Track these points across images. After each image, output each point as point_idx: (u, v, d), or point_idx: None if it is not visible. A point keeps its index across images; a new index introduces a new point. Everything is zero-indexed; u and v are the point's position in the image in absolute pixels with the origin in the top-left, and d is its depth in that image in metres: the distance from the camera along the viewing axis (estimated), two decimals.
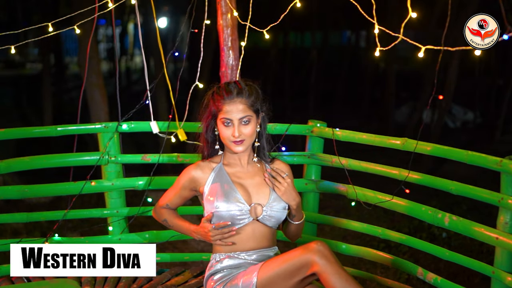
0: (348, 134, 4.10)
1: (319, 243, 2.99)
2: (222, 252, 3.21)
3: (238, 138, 3.13)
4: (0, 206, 8.13)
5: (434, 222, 3.67)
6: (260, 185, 3.24)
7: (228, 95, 3.13)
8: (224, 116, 3.13)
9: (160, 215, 3.40)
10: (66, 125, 4.31)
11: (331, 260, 2.96)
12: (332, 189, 4.21)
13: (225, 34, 4.46)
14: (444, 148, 3.65)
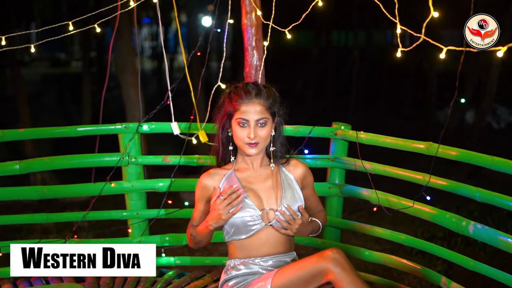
0: (371, 137, 3.97)
1: (335, 251, 2.89)
2: (237, 258, 3.13)
3: (253, 140, 3.04)
4: (34, 205, 8.18)
5: (458, 230, 3.53)
6: (272, 189, 3.14)
7: (246, 95, 3.05)
8: (240, 116, 3.03)
9: (190, 237, 3.24)
10: (86, 126, 4.28)
11: (347, 268, 2.86)
12: (355, 194, 4.09)
13: (249, 34, 4.36)
14: (469, 153, 3.50)
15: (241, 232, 3.07)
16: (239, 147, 3.10)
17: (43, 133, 4.30)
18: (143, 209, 4.34)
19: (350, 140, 4.09)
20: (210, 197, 3.12)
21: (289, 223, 3.04)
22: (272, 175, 3.19)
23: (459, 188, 3.52)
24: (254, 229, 3.06)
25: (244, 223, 3.05)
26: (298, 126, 4.17)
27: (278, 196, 3.12)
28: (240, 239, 3.09)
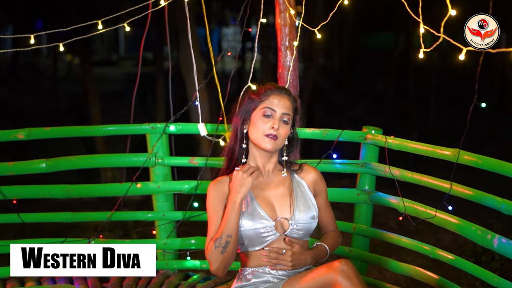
0: (400, 142, 3.78)
1: (343, 262, 2.77)
2: (249, 267, 3.01)
3: (274, 132, 2.92)
4: (93, 202, 8.24)
5: (483, 244, 3.31)
6: (284, 196, 3.03)
7: (276, 88, 2.99)
8: (268, 106, 2.94)
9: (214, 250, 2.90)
10: (113, 125, 4.25)
11: (354, 281, 2.73)
12: (383, 201, 3.90)
13: (282, 34, 4.25)
14: (494, 161, 3.26)
15: (255, 243, 2.96)
16: (256, 140, 2.97)
17: (70, 132, 4.30)
18: (170, 211, 4.28)
19: (380, 145, 3.90)
20: (226, 204, 2.97)
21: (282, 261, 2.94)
22: (284, 182, 3.07)
23: (484, 199, 3.29)
24: (268, 240, 2.95)
25: (258, 234, 2.93)
26: (327, 130, 4.02)
27: (291, 204, 3.00)
28: (253, 251, 2.98)
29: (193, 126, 4.18)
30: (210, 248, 2.88)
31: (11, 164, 4.17)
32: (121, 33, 32.06)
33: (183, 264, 4.32)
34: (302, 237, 3.02)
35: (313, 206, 3.05)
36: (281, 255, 2.94)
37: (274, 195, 3.02)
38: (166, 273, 4.23)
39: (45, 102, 17.89)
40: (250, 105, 2.99)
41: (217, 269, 2.90)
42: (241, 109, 3.02)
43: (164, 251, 4.29)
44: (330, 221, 3.20)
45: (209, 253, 2.89)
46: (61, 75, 24.18)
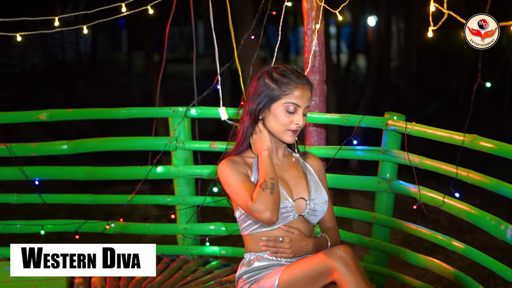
0: (419, 128, 3.61)
1: (342, 248, 2.66)
2: (254, 251, 2.93)
3: (298, 128, 2.85)
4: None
5: (497, 234, 3.12)
6: (298, 178, 2.96)
7: (299, 79, 2.85)
8: (292, 101, 2.82)
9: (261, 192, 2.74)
10: (136, 108, 4.24)
11: (352, 268, 2.62)
12: (402, 190, 3.74)
13: (309, 17, 4.15)
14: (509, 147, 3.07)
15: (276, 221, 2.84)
16: (276, 133, 2.87)
17: (91, 114, 4.32)
18: (191, 196, 4.25)
19: (402, 131, 3.74)
20: (248, 175, 2.87)
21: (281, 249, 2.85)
22: (295, 165, 3.01)
23: (498, 186, 3.10)
24: (287, 220, 2.86)
25: (279, 214, 2.82)
26: (348, 115, 3.89)
27: (306, 185, 2.94)
28: (268, 231, 2.87)
29: (214, 110, 4.12)
30: (257, 195, 2.73)
31: (33, 145, 4.23)
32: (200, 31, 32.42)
33: (202, 250, 4.27)
34: (314, 221, 2.94)
35: (324, 191, 2.98)
36: (279, 242, 2.85)
37: (289, 177, 2.93)
38: (185, 258, 4.19)
39: (119, 97, 18.26)
40: (269, 93, 2.84)
41: (271, 214, 2.72)
42: (256, 94, 2.87)
43: (184, 236, 4.26)
44: (330, 216, 3.06)
45: (256, 198, 2.72)
46: (138, 71, 24.58)
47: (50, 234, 5.75)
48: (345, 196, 8.16)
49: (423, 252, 5.10)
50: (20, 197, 4.33)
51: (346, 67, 26.39)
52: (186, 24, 26.48)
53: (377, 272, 3.89)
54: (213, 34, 4.23)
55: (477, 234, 6.26)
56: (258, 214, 2.72)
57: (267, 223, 2.76)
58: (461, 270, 3.51)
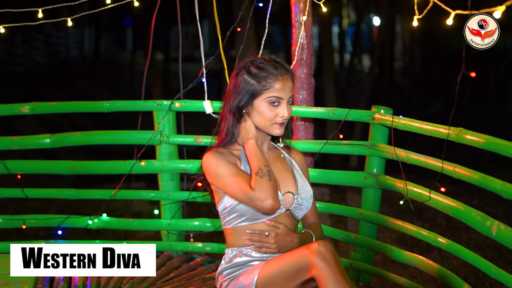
0: (406, 122, 3.52)
1: (322, 244, 2.58)
2: (236, 246, 2.86)
3: (284, 120, 2.77)
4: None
5: (482, 231, 3.03)
6: (284, 172, 2.90)
7: (278, 70, 2.77)
8: (274, 94, 2.75)
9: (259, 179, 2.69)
10: (120, 101, 4.17)
11: (332, 264, 2.54)
12: (389, 185, 3.65)
13: (296, 9, 4.08)
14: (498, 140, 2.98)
15: (262, 216, 2.79)
16: (263, 127, 2.81)
17: (74, 107, 4.26)
18: (175, 191, 4.17)
19: (389, 125, 3.65)
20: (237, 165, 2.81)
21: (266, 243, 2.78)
22: (279, 159, 2.95)
23: (483, 181, 3.02)
24: (275, 214, 2.80)
25: None
26: (334, 109, 3.81)
27: (292, 179, 2.88)
28: (252, 224, 2.80)
29: (199, 103, 4.05)
30: (256, 183, 2.67)
31: (16, 138, 4.17)
32: (205, 31, 32.39)
33: (187, 246, 4.20)
34: (300, 216, 2.88)
35: (309, 185, 2.92)
36: (264, 237, 2.77)
37: (275, 170, 2.86)
38: (169, 254, 4.13)
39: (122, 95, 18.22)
40: (249, 89, 2.77)
41: (273, 200, 2.67)
42: (237, 91, 2.80)
43: (168, 232, 4.18)
44: (313, 211, 2.99)
45: (256, 186, 2.66)
46: (142, 70, 24.58)
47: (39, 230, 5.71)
48: (341, 194, 8.07)
49: (417, 251, 5.02)
50: (2, 192, 4.25)
51: (349, 66, 26.37)
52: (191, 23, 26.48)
53: (363, 269, 3.81)
54: (199, 29, 4.16)
55: (472, 233, 6.17)
56: (260, 202, 2.66)
57: (270, 211, 2.70)
58: (456, 269, 3.44)
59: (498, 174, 3.12)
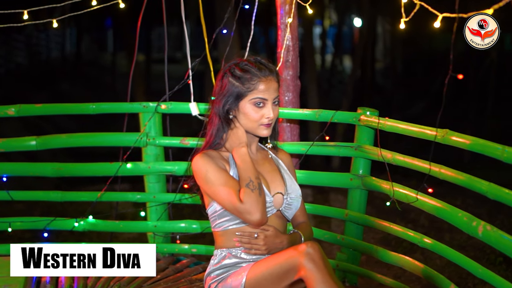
0: (392, 124, 3.55)
1: (310, 245, 2.58)
2: (225, 247, 2.85)
3: (270, 121, 2.77)
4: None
5: (468, 231, 3.07)
6: (273, 172, 2.89)
7: (261, 72, 2.77)
8: (258, 96, 2.75)
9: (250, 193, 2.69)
10: (106, 103, 4.16)
11: (319, 265, 2.54)
12: (375, 187, 3.68)
13: (282, 12, 4.09)
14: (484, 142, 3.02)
15: None
16: (250, 129, 2.81)
17: (60, 109, 4.25)
18: (161, 193, 4.17)
19: (375, 127, 3.68)
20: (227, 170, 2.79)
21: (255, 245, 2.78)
22: (267, 159, 2.95)
23: (469, 182, 3.05)
24: (267, 215, 2.78)
25: None
26: (320, 111, 3.83)
27: (281, 179, 2.88)
28: (243, 226, 2.79)
29: (185, 105, 4.05)
30: (246, 196, 2.67)
31: (1, 140, 4.14)
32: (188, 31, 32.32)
33: (173, 248, 4.20)
34: (290, 216, 2.89)
35: (297, 185, 2.93)
36: (254, 239, 2.78)
37: (264, 171, 2.87)
38: (156, 256, 4.11)
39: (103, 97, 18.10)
40: (234, 92, 2.77)
41: (261, 216, 2.68)
42: (222, 94, 2.80)
43: (154, 233, 4.18)
44: (301, 211, 2.99)
45: (246, 200, 2.66)
46: (123, 71, 24.47)
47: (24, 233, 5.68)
48: (324, 195, 8.11)
49: (401, 251, 5.05)
50: None
51: (331, 67, 26.43)
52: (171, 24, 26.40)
53: (349, 270, 3.83)
54: (185, 30, 4.18)
55: (455, 233, 6.22)
56: (248, 216, 2.67)
57: (257, 225, 2.71)
58: (440, 269, 3.47)
59: (480, 174, 3.16)
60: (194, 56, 4.11)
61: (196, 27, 34.15)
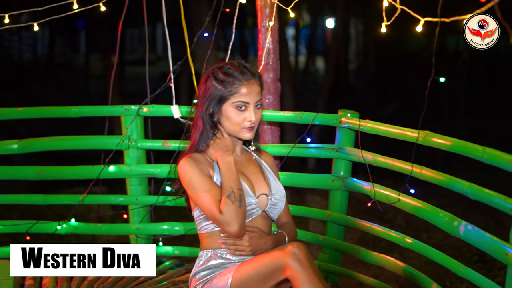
0: (373, 125, 3.61)
1: (295, 245, 2.62)
2: (211, 249, 2.88)
3: (252, 124, 2.80)
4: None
5: (450, 231, 3.14)
6: (257, 174, 2.93)
7: (243, 75, 2.80)
8: (240, 99, 2.78)
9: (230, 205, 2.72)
10: (88, 107, 4.18)
11: (305, 265, 2.59)
12: (357, 188, 3.74)
13: (263, 15, 4.14)
14: (461, 143, 3.10)
15: None
16: (232, 131, 2.84)
17: (42, 112, 4.25)
18: (143, 195, 4.19)
19: (356, 128, 3.74)
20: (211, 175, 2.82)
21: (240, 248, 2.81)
22: (252, 161, 2.99)
23: (450, 183, 3.12)
24: (253, 216, 2.84)
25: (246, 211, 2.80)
26: (301, 113, 3.88)
27: (265, 180, 2.92)
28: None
29: (167, 108, 4.08)
30: (226, 206, 2.70)
31: None
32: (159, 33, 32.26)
33: (156, 250, 4.21)
34: (275, 216, 2.93)
35: (281, 185, 2.97)
36: (239, 240, 2.81)
37: (249, 173, 2.91)
38: None
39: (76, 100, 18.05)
40: (216, 95, 2.80)
41: (240, 228, 2.71)
42: (205, 97, 2.83)
43: (137, 236, 4.20)
44: (285, 211, 3.03)
45: (226, 211, 2.69)
46: (96, 74, 24.37)
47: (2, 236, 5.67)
48: (301, 196, 8.16)
49: (379, 251, 5.11)
50: None
51: (305, 68, 26.54)
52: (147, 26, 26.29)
53: (331, 270, 3.88)
54: (166, 33, 4.20)
55: (432, 232, 6.31)
56: (227, 227, 2.70)
57: (234, 236, 2.75)
58: (417, 268, 3.52)
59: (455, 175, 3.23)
60: (165, 58, 4.12)
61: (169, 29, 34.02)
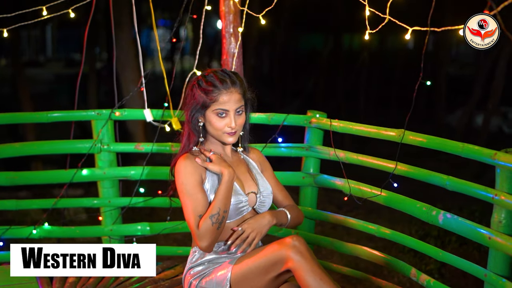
0: (345, 125, 3.86)
1: (295, 238, 2.82)
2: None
3: (232, 130, 2.97)
4: None
5: (428, 220, 3.41)
6: (246, 173, 3.13)
7: (222, 85, 2.96)
8: (220, 107, 2.95)
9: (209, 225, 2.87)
10: (59, 111, 4.21)
11: (306, 256, 2.79)
12: (329, 184, 3.98)
13: (227, 21, 4.29)
14: (438, 139, 3.39)
15: (231, 216, 2.98)
16: (215, 136, 3.02)
17: (15, 118, 4.24)
18: (116, 197, 4.27)
19: (325, 128, 3.98)
20: (202, 181, 2.97)
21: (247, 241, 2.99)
22: (241, 161, 3.17)
23: (429, 176, 3.40)
24: (243, 214, 3.01)
25: (237, 209, 2.99)
26: (272, 114, 4.08)
27: (253, 179, 3.11)
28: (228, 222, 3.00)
29: (139, 112, 4.18)
30: (205, 225, 2.85)
31: None
32: (48, 35, 31.52)
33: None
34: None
35: (267, 183, 3.16)
36: (241, 234, 2.98)
37: (239, 172, 3.09)
38: None
39: None
40: (200, 102, 2.98)
41: (209, 245, 2.88)
42: (191, 104, 3.02)
43: (110, 237, 4.27)
44: (284, 196, 3.26)
45: (203, 229, 2.84)
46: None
47: None
48: None
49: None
50: None
51: None
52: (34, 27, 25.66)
53: None
54: (137, 39, 4.29)
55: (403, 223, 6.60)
56: (199, 241, 2.86)
57: (202, 250, 2.91)
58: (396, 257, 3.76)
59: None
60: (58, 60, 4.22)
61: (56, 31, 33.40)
